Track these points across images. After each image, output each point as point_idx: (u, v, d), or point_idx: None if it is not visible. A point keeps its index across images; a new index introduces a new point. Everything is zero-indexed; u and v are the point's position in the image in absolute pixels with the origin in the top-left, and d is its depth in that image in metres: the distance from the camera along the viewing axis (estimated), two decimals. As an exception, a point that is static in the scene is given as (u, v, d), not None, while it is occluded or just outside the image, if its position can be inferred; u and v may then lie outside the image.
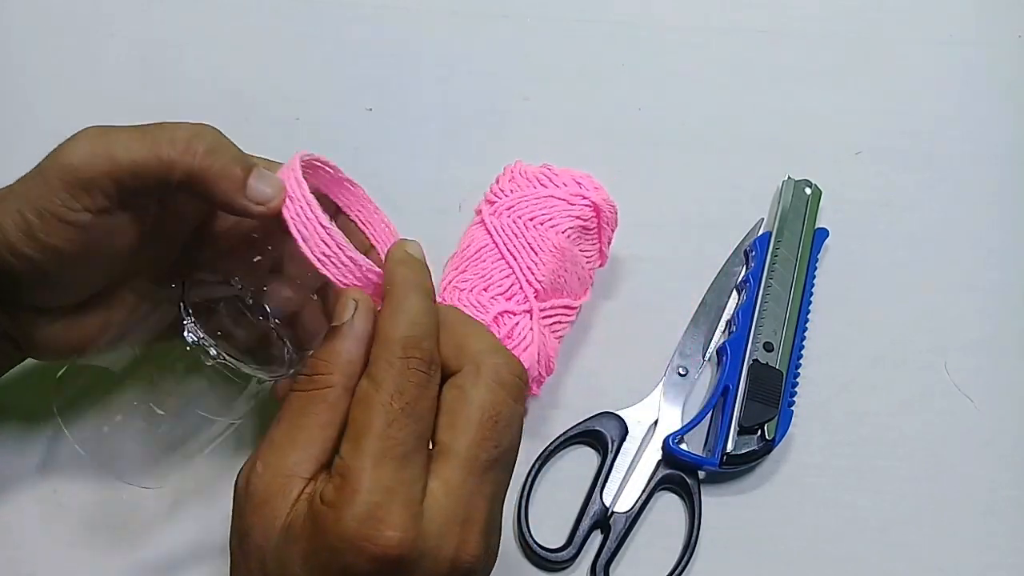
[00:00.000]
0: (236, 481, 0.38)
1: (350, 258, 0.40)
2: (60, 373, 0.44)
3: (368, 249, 0.49)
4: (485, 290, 0.53)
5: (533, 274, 0.53)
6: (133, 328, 0.45)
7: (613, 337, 0.58)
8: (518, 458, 0.52)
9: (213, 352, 0.42)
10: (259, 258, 0.45)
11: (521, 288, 0.53)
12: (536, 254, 0.53)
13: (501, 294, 0.53)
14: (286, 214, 0.41)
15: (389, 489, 0.35)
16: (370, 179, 0.49)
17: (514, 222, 0.53)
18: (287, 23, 0.68)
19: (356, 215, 0.49)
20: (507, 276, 0.53)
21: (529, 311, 0.53)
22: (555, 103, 0.66)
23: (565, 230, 0.54)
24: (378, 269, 0.41)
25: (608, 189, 0.58)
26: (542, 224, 0.53)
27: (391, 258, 0.41)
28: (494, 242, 0.54)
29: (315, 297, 0.45)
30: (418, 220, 0.51)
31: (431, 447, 0.38)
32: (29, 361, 0.49)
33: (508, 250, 0.53)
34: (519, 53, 0.68)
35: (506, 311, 0.52)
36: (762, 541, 0.53)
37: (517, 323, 0.52)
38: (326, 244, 0.40)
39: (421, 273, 0.40)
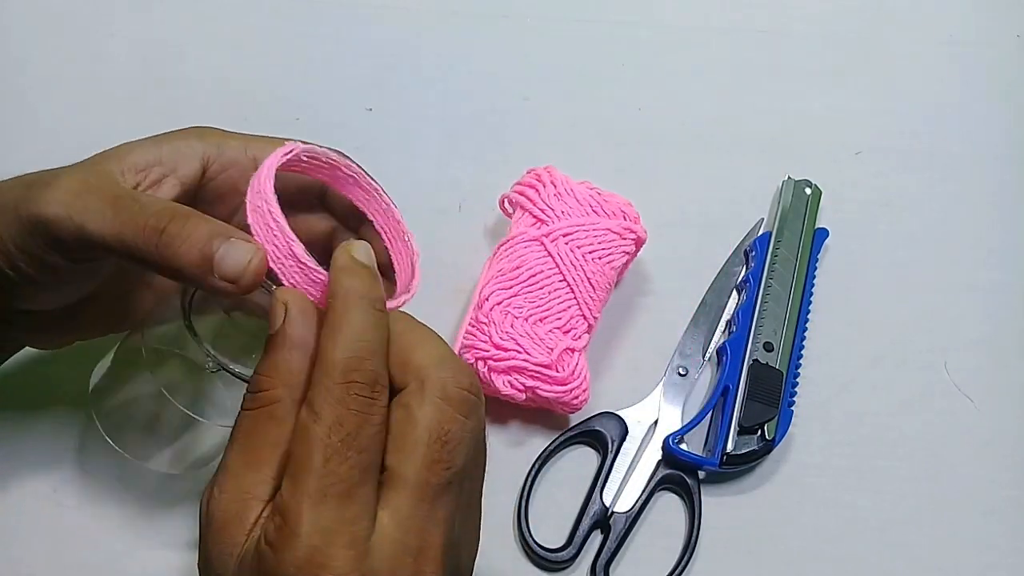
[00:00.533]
0: (200, 507, 0.37)
1: (295, 257, 0.38)
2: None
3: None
4: (542, 320, 0.53)
5: (590, 309, 0.53)
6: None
7: (613, 337, 0.58)
8: (517, 458, 0.52)
9: (211, 365, 0.42)
10: None
11: (579, 323, 0.53)
12: (594, 290, 0.53)
13: (560, 327, 0.53)
14: (249, 215, 0.39)
15: (329, 531, 0.33)
16: (370, 179, 0.49)
17: (573, 251, 0.53)
18: (287, 23, 0.68)
19: (364, 207, 0.47)
20: (567, 308, 0.53)
21: (585, 347, 0.53)
22: (555, 103, 0.66)
23: (617, 266, 0.54)
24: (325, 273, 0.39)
25: (608, 189, 0.59)
26: (600, 259, 0.54)
27: (334, 264, 0.37)
28: (560, 272, 0.53)
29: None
30: (418, 220, 0.51)
31: (382, 472, 0.35)
32: (29, 361, 0.49)
33: (572, 281, 0.53)
34: (519, 53, 0.68)
35: (570, 348, 0.52)
36: (762, 541, 0.53)
37: (578, 362, 0.53)
38: (275, 245, 0.38)
39: (367, 281, 0.37)
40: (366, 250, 0.38)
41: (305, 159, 0.43)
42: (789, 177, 0.62)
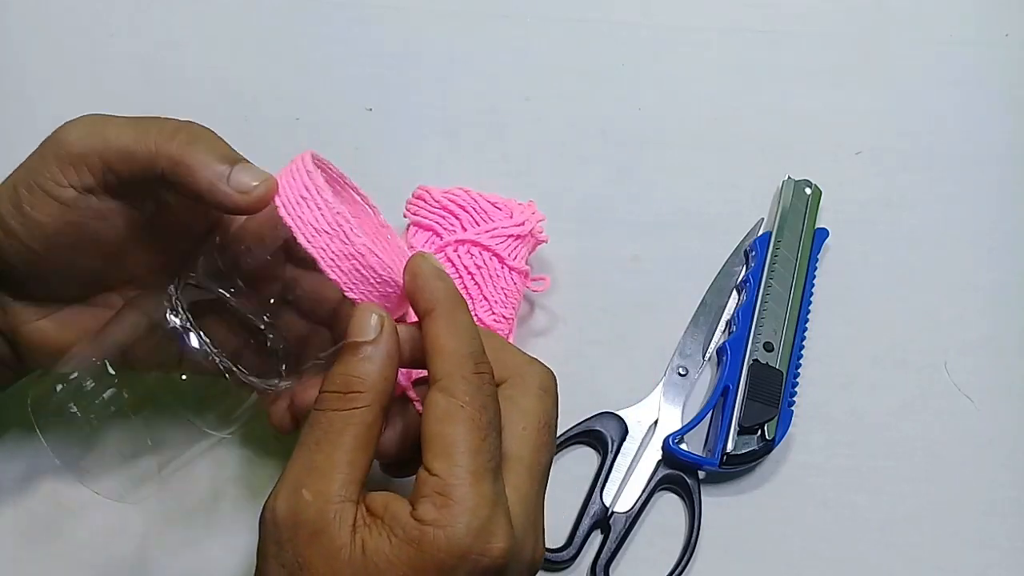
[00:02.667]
0: (268, 512, 0.37)
1: (369, 266, 0.39)
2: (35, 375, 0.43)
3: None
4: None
5: (497, 305, 0.53)
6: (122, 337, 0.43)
7: (613, 337, 0.58)
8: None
9: (212, 356, 0.41)
10: (260, 266, 0.43)
11: (496, 323, 0.54)
12: (506, 296, 0.54)
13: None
14: (285, 217, 0.39)
15: (492, 502, 0.36)
16: (370, 179, 0.49)
17: (469, 255, 0.54)
18: (287, 23, 0.68)
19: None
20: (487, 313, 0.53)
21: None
22: (555, 103, 0.66)
23: (514, 258, 0.54)
24: (398, 279, 0.40)
25: (608, 189, 0.59)
26: (496, 257, 0.54)
27: (423, 273, 0.40)
28: (460, 278, 0.53)
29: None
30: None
31: None
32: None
33: (469, 286, 0.53)
34: (519, 53, 0.68)
35: None
36: (762, 541, 0.53)
37: None
38: (343, 254, 0.39)
39: (453, 286, 0.40)
40: (436, 259, 0.41)
41: (321, 163, 0.43)
42: (789, 177, 0.62)
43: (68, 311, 0.45)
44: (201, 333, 0.41)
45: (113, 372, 0.41)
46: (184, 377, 0.42)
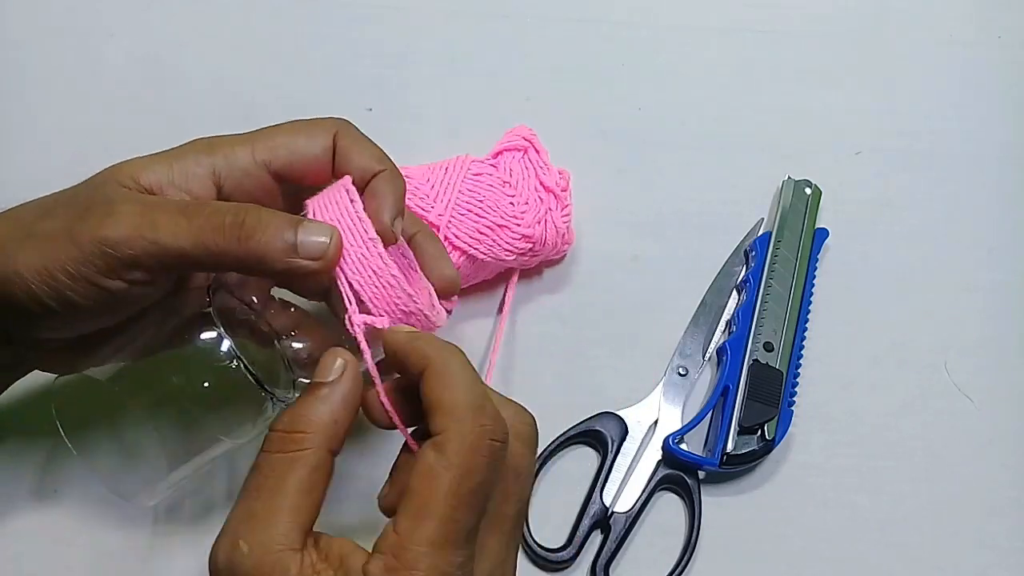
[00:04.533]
0: (212, 559, 0.35)
1: (415, 310, 0.40)
2: (56, 380, 0.43)
3: None
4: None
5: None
6: (134, 341, 0.44)
7: (613, 337, 0.58)
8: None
9: (238, 364, 0.41)
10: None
11: None
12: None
13: None
14: (346, 268, 0.40)
15: (445, 574, 0.34)
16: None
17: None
18: (287, 23, 0.68)
19: None
20: None
21: None
22: (555, 103, 0.66)
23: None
24: (436, 316, 0.41)
25: (608, 189, 0.59)
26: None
27: (400, 341, 0.38)
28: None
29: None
30: (418, 220, 0.51)
31: None
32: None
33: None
34: (519, 53, 0.68)
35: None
36: (762, 541, 0.53)
37: None
38: (395, 303, 0.39)
39: (439, 339, 0.38)
40: (402, 327, 0.39)
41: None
42: (789, 177, 0.62)
43: (87, 339, 0.43)
44: (230, 340, 0.41)
45: (137, 377, 0.42)
46: (207, 384, 0.42)
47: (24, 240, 0.39)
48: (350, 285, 0.40)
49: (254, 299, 0.43)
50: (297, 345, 0.43)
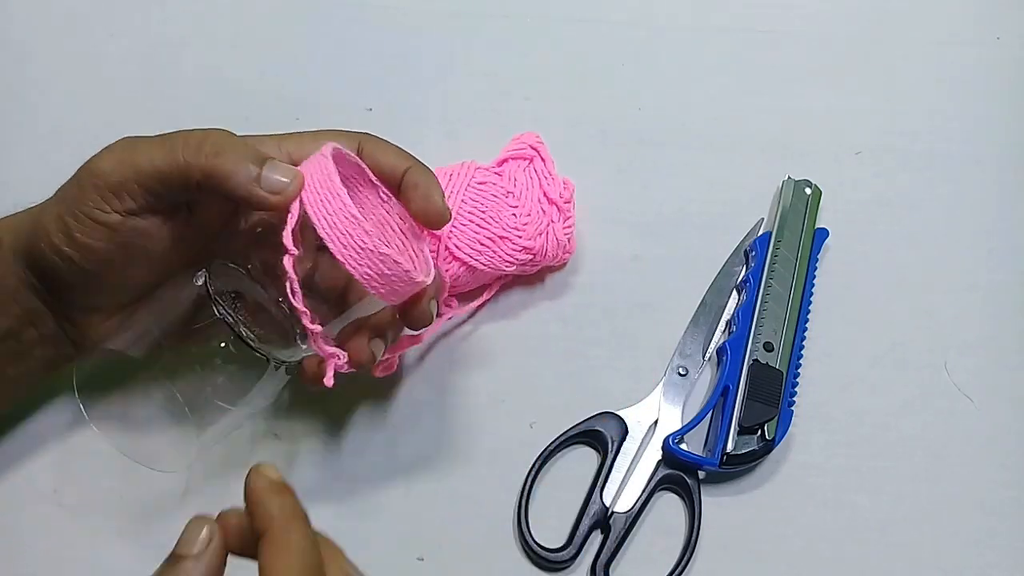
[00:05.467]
0: None
1: (371, 247, 0.41)
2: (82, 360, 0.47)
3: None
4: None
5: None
6: (161, 316, 0.46)
7: (613, 337, 0.58)
8: (517, 458, 0.52)
9: (241, 331, 0.44)
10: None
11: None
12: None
13: None
14: (307, 200, 0.42)
15: None
16: (370, 179, 0.49)
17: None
18: (287, 23, 0.68)
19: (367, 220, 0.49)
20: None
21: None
22: (555, 103, 0.66)
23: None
24: (399, 259, 0.42)
25: (608, 189, 0.59)
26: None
27: (258, 490, 0.37)
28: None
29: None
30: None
31: None
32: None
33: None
34: (519, 53, 0.68)
35: None
36: (762, 541, 0.53)
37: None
38: (350, 235, 0.41)
39: (292, 500, 0.36)
40: (274, 469, 0.38)
41: (342, 158, 0.45)
42: (789, 177, 0.62)
43: (130, 308, 0.48)
44: (224, 306, 0.44)
45: (183, 399, 0.45)
46: (219, 361, 0.45)
47: (48, 203, 0.45)
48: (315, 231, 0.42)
49: (251, 266, 0.45)
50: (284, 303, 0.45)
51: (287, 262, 0.41)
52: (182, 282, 0.46)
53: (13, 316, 0.46)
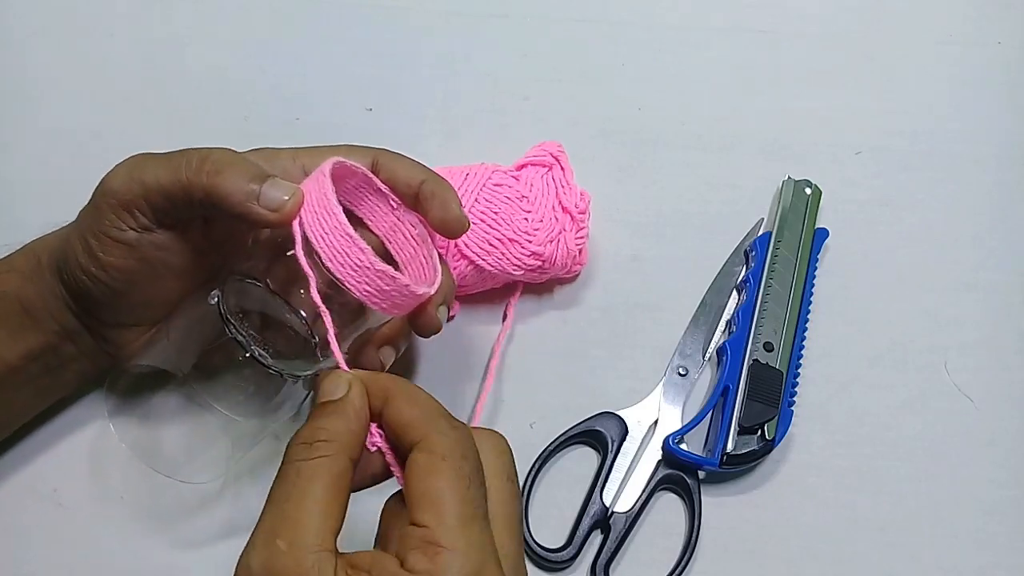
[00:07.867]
0: (242, 570, 0.35)
1: (367, 264, 0.42)
2: (112, 376, 0.47)
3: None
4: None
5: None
6: (183, 333, 0.47)
7: (613, 337, 0.58)
8: (517, 458, 0.52)
9: (254, 350, 0.44)
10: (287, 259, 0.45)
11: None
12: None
13: None
14: (305, 220, 0.42)
15: (483, 547, 0.35)
16: (370, 179, 0.49)
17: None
18: (287, 23, 0.68)
19: (378, 229, 0.49)
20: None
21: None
22: (555, 103, 0.66)
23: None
24: (396, 274, 0.42)
25: (608, 189, 0.59)
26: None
27: (353, 381, 0.40)
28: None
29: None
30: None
31: None
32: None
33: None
34: (519, 53, 0.68)
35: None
36: (762, 541, 0.53)
37: None
38: (346, 254, 0.41)
39: (389, 374, 0.41)
40: (344, 372, 0.41)
41: (348, 170, 0.46)
42: (789, 177, 0.62)
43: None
44: (236, 325, 0.44)
45: (174, 365, 0.46)
46: (244, 375, 0.46)
47: (72, 228, 0.47)
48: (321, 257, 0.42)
49: (262, 282, 0.45)
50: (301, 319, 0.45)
51: (312, 286, 0.41)
52: (201, 297, 0.46)
53: (52, 332, 0.48)
